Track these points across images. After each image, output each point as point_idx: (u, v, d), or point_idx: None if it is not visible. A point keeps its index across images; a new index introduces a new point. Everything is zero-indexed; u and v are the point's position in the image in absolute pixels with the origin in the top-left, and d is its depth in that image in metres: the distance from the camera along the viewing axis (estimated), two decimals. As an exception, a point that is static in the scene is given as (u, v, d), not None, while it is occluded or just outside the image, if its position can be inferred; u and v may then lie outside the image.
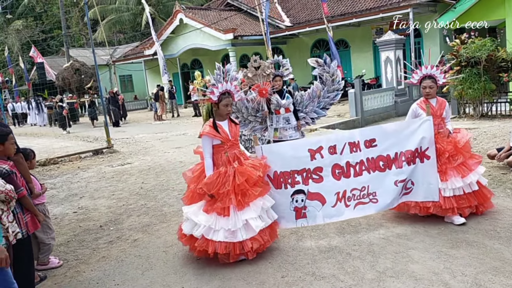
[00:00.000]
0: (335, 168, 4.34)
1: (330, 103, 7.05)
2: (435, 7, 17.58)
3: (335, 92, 6.93)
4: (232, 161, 4.02)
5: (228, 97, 4.08)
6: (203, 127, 4.09)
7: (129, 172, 8.99)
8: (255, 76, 6.61)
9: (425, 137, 4.40)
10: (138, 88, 33.42)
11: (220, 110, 4.08)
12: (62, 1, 26.67)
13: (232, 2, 25.91)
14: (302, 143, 4.36)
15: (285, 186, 4.28)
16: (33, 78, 30.11)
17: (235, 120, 4.22)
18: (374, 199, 4.43)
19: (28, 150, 4.37)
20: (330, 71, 6.78)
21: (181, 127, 16.92)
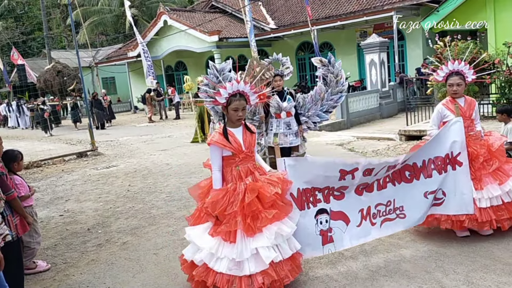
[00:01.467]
0: (360, 185, 3.75)
1: (334, 106, 6.64)
2: (418, 10, 17.83)
3: (339, 94, 6.52)
4: (244, 177, 3.32)
5: (239, 100, 3.32)
6: (212, 135, 3.38)
7: (115, 174, 8.88)
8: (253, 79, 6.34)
9: (456, 141, 3.91)
10: (122, 90, 33.09)
11: (230, 115, 3.37)
12: (43, 3, 26.25)
13: (217, 4, 25.87)
14: (336, 162, 3.65)
15: (307, 205, 3.58)
16: (14, 80, 29.56)
17: (251, 127, 3.48)
18: (402, 214, 3.91)
19: (15, 151, 4.28)
20: (334, 71, 6.38)
21: (166, 130, 16.80)
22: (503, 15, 12.44)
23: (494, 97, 10.57)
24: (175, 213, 5.78)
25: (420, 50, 18.22)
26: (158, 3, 33.22)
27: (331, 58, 6.41)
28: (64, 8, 37.88)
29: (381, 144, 9.81)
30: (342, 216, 3.70)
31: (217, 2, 25.98)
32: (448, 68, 4.16)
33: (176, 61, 27.91)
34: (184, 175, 8.15)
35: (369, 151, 9.01)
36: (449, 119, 4.07)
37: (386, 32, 18.58)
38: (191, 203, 6.16)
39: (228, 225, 3.23)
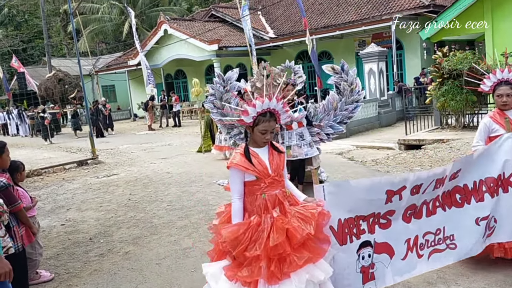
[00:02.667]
0: (408, 210, 3.23)
1: (348, 117, 6.13)
2: (416, 20, 17.94)
3: (354, 104, 6.05)
4: (271, 207, 2.77)
5: (269, 120, 2.77)
6: (232, 156, 2.85)
7: (116, 183, 8.90)
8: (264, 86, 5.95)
9: (508, 160, 3.49)
10: (121, 98, 33.18)
11: (255, 136, 2.82)
12: (44, 11, 26.39)
13: (217, 14, 26.03)
14: (381, 182, 3.07)
15: (350, 238, 3.01)
16: (14, 88, 29.63)
17: (278, 145, 2.94)
18: (452, 244, 3.41)
19: (17, 162, 4.31)
20: (348, 79, 5.96)
21: (166, 138, 16.84)
22: (501, 25, 12.57)
23: (492, 107, 10.63)
24: (176, 222, 5.80)
25: (418, 59, 18.34)
26: (158, 12, 33.46)
27: (344, 65, 6.00)
28: (64, 16, 38.08)
29: (380, 153, 9.86)
30: (387, 248, 3.18)
31: (217, 11, 26.15)
32: (496, 77, 3.73)
33: (176, 69, 28.03)
34: (184, 183, 8.18)
35: (369, 160, 9.05)
36: (497, 134, 3.68)
37: (385, 41, 18.71)
38: (192, 212, 6.20)
39: (250, 272, 2.68)
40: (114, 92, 34.36)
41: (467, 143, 8.97)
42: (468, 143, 9.01)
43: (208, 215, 5.96)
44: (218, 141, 10.24)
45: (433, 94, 11.12)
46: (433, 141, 9.86)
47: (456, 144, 9.05)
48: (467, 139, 9.37)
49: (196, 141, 14.50)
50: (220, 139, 10.12)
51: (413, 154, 9.12)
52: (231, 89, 6.03)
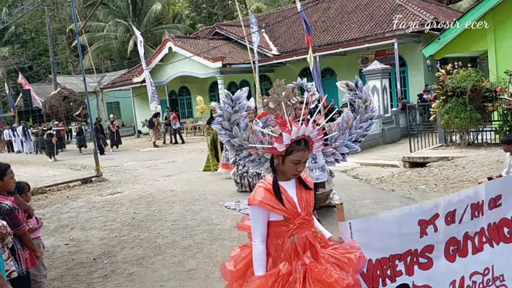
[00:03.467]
0: (449, 245, 2.86)
1: (363, 135, 5.91)
2: (418, 37, 18.10)
3: (369, 121, 5.88)
4: (302, 251, 2.41)
5: (304, 149, 2.43)
6: (254, 191, 2.46)
7: (120, 201, 8.90)
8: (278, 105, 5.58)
9: None
10: (126, 115, 33.36)
11: (286, 167, 2.44)
12: (50, 29, 26.74)
13: (221, 32, 26.32)
14: (411, 211, 2.72)
15: (383, 282, 2.66)
16: (19, 105, 29.90)
17: (306, 179, 2.56)
18: (503, 285, 2.99)
19: (22, 183, 4.32)
20: (362, 96, 5.76)
21: (170, 155, 16.86)
22: (504, 43, 12.60)
23: (496, 124, 10.63)
24: (180, 242, 5.78)
25: (421, 76, 18.41)
26: (162, 30, 33.83)
27: (358, 82, 5.80)
28: (70, 34, 38.56)
29: (385, 171, 9.83)
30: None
31: (221, 29, 26.45)
32: None
33: (180, 86, 28.21)
34: (188, 202, 8.17)
35: (374, 178, 9.02)
36: None
37: (388, 58, 18.81)
38: (196, 231, 6.18)
39: None
40: (118, 109, 34.57)
41: (472, 161, 8.94)
42: (473, 161, 8.99)
43: (212, 234, 5.94)
44: (225, 159, 10.02)
45: (437, 112, 11.13)
46: (437, 158, 9.82)
47: (461, 162, 9.01)
48: (472, 156, 9.34)
49: (200, 158, 14.52)
50: (227, 157, 9.88)
51: (418, 172, 9.09)
52: (240, 110, 5.80)
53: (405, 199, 6.99)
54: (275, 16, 27.63)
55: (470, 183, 7.42)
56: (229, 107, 5.73)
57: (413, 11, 18.61)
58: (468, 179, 7.72)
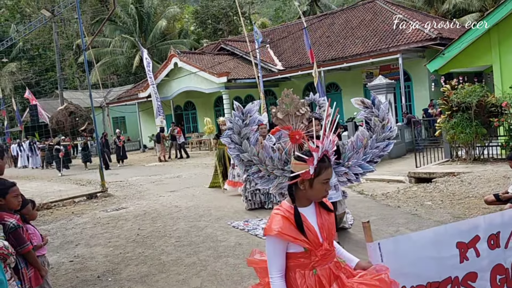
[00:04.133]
0: (495, 273, 2.54)
1: (380, 155, 5.59)
2: (423, 52, 18.15)
3: (386, 142, 5.52)
4: (328, 285, 2.18)
5: (329, 165, 2.22)
6: (270, 220, 2.20)
7: (125, 217, 8.89)
8: (286, 116, 5.02)
9: None
10: (131, 129, 33.54)
11: (314, 190, 2.20)
12: (57, 45, 27.08)
13: (226, 47, 26.54)
14: (447, 231, 2.44)
15: None
16: (26, 120, 30.13)
17: (326, 201, 2.32)
18: None
19: (28, 200, 4.33)
20: (379, 114, 5.47)
21: (175, 170, 16.88)
22: (509, 58, 12.59)
23: (502, 140, 10.57)
24: (185, 259, 5.75)
25: (426, 91, 18.41)
26: (168, 46, 34.21)
27: (375, 99, 5.53)
28: (77, 49, 39.01)
29: (390, 187, 9.77)
30: None
31: (226, 45, 26.68)
32: None
33: (185, 101, 28.37)
34: (193, 218, 8.15)
35: (379, 194, 8.97)
36: None
37: (392, 73, 18.86)
38: (201, 248, 6.15)
39: None
40: (124, 124, 34.77)
41: (478, 177, 8.87)
42: (479, 176, 8.92)
43: (216, 251, 5.91)
44: (232, 176, 9.81)
45: (443, 127, 11.10)
46: (443, 174, 9.77)
47: (467, 178, 8.95)
48: (478, 172, 9.28)
49: (205, 173, 14.52)
50: (234, 174, 9.71)
51: (423, 187, 9.03)
52: (251, 123, 5.57)
53: (410, 215, 6.94)
54: (279, 32, 27.87)
55: (477, 199, 7.37)
56: (240, 120, 5.50)
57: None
58: (475, 195, 7.65)
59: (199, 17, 43.46)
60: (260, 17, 50.68)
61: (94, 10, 41.05)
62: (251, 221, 7.36)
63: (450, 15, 30.69)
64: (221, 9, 41.92)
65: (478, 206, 6.99)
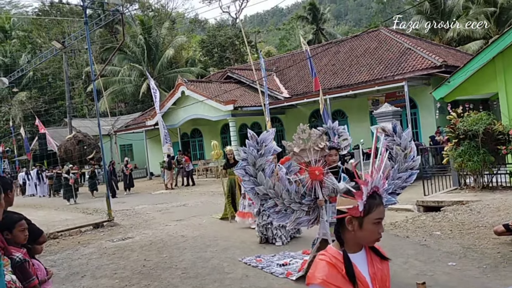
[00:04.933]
0: None
1: (402, 187, 5.29)
2: (428, 80, 18.25)
3: (409, 172, 5.24)
4: None
5: (381, 203, 1.96)
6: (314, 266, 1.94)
7: (131, 247, 8.84)
8: (303, 151, 4.87)
9: None
10: (138, 157, 33.69)
11: (365, 231, 1.92)
12: (67, 75, 27.59)
13: (232, 75, 26.86)
14: None
15: None
16: (34, 149, 30.42)
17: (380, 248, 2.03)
18: None
19: (40, 230, 4.31)
20: (402, 143, 5.23)
21: (181, 198, 16.85)
22: (514, 85, 12.64)
23: (511, 167, 10.49)
24: (191, 292, 5.68)
25: (433, 118, 18.40)
26: (176, 74, 34.70)
27: (396, 127, 5.30)
28: (87, 78, 39.67)
29: (399, 216, 9.67)
30: None
31: (232, 73, 27.02)
32: None
33: (192, 129, 28.54)
34: (199, 248, 8.09)
35: (387, 223, 8.86)
36: None
37: (398, 100, 18.91)
38: (207, 280, 6.08)
39: None
40: (131, 151, 34.96)
41: (487, 205, 8.77)
42: (488, 205, 8.82)
43: (223, 284, 5.84)
44: (242, 207, 9.42)
45: (450, 155, 11.05)
46: (452, 203, 9.66)
47: (476, 207, 8.85)
48: (487, 200, 9.17)
49: (211, 201, 14.50)
50: (244, 204, 9.33)
51: (432, 216, 8.93)
52: (266, 153, 5.21)
53: (420, 246, 6.84)
54: (285, 60, 28.22)
55: (486, 229, 7.27)
56: (254, 150, 5.12)
57: (422, 54, 18.87)
58: (484, 225, 7.55)
59: (206, 46, 44.19)
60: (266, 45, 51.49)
61: (104, 40, 41.94)
62: (264, 257, 6.91)
63: (455, 42, 31.00)
64: (227, 38, 42.64)
65: (488, 236, 6.89)
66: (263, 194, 5.14)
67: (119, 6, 17.02)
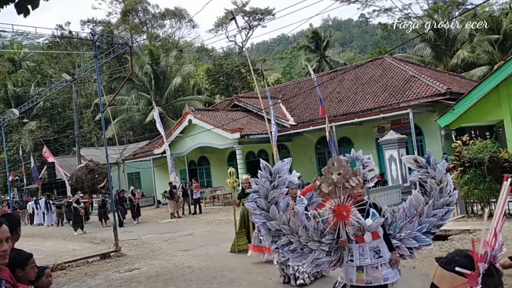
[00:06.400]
0: None
1: (438, 225, 4.69)
2: (433, 107, 18.37)
3: (445, 208, 4.65)
4: None
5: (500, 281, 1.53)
6: None
7: (137, 279, 8.85)
8: (333, 190, 4.27)
9: None
10: (146, 185, 33.79)
11: None
12: (76, 105, 28.08)
13: (239, 103, 27.18)
14: None
15: None
16: (43, 177, 30.68)
17: None
18: None
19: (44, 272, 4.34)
20: (436, 175, 4.60)
21: (188, 226, 16.85)
22: (519, 112, 12.72)
23: (518, 195, 10.44)
24: (197, 326, 5.68)
25: (438, 144, 18.44)
26: (183, 102, 35.16)
27: (430, 158, 4.70)
28: (96, 107, 40.26)
29: (405, 245, 9.60)
30: None
31: (239, 101, 27.35)
32: None
33: (199, 156, 28.71)
34: (206, 280, 8.08)
35: (394, 253, 8.82)
36: None
37: (404, 127, 19.01)
38: (213, 314, 6.07)
39: None
40: (139, 179, 35.10)
41: (495, 235, 8.70)
42: (496, 234, 8.75)
43: (229, 317, 5.83)
44: (257, 240, 8.67)
45: (456, 183, 11.04)
46: (459, 231, 9.61)
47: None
48: (495, 229, 9.11)
49: (218, 230, 14.49)
50: (260, 238, 8.48)
51: (439, 245, 8.86)
52: (280, 185, 4.71)
53: (426, 277, 6.79)
54: (291, 88, 28.56)
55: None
56: (267, 181, 4.64)
57: (426, 82, 19.04)
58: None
59: (212, 74, 44.85)
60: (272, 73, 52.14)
61: (112, 70, 42.75)
62: None
63: (460, 69, 31.22)
64: (234, 67, 43.28)
65: (495, 267, 6.83)
66: (275, 230, 4.60)
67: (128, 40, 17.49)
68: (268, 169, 4.67)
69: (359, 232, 4.24)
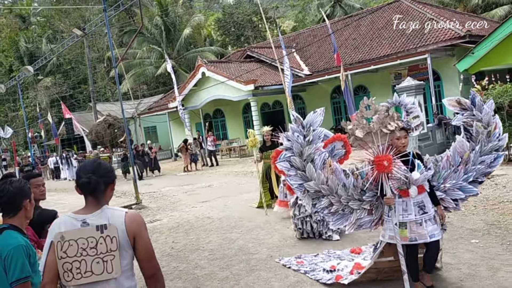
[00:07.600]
0: None
1: (486, 173, 4.32)
2: (452, 51, 17.82)
3: (494, 154, 4.24)
4: None
5: None
6: None
7: (159, 230, 9.14)
8: (368, 135, 3.86)
9: None
10: (163, 138, 34.20)
11: None
12: (89, 60, 27.96)
13: (252, 54, 26.75)
14: None
15: None
16: (62, 133, 31.20)
17: None
18: None
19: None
20: (483, 118, 4.24)
21: (206, 178, 17.14)
22: (542, 54, 12.26)
23: (538, 139, 10.27)
24: (218, 273, 5.89)
25: (457, 90, 17.99)
26: (195, 54, 34.72)
27: (475, 98, 4.27)
28: (108, 62, 40.12)
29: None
30: None
31: (252, 52, 26.89)
32: None
33: (214, 109, 28.73)
34: (225, 230, 8.30)
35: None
36: None
37: (421, 73, 18.58)
38: (233, 262, 6.28)
39: None
40: (155, 133, 35.48)
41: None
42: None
43: (249, 265, 6.03)
44: (283, 195, 8.18)
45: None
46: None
47: (501, 181, 8.77)
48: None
49: (235, 182, 14.72)
50: (285, 192, 7.94)
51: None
52: (315, 140, 4.22)
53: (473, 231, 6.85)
54: (305, 36, 27.89)
55: (511, 204, 7.22)
56: (300, 136, 4.16)
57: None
58: (509, 200, 7.51)
59: (223, 25, 43.89)
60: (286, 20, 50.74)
61: (122, 23, 42.14)
62: (305, 257, 5.83)
63: (480, 9, 29.95)
64: (245, 15, 42.22)
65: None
66: (314, 191, 4.17)
67: (136, -9, 17.05)
68: (300, 122, 4.21)
69: (404, 186, 3.90)
